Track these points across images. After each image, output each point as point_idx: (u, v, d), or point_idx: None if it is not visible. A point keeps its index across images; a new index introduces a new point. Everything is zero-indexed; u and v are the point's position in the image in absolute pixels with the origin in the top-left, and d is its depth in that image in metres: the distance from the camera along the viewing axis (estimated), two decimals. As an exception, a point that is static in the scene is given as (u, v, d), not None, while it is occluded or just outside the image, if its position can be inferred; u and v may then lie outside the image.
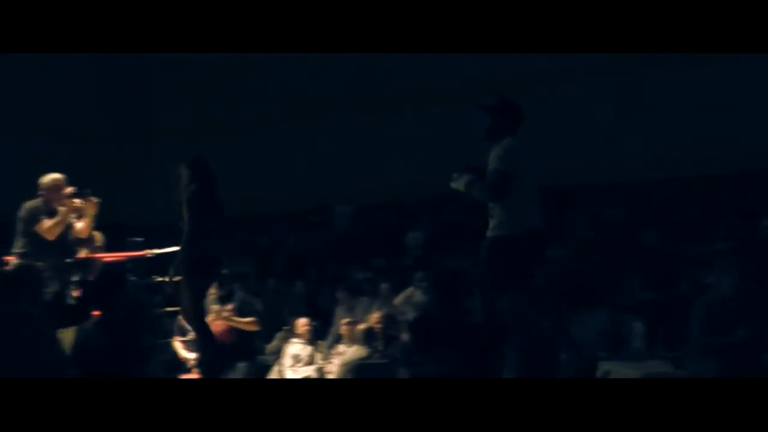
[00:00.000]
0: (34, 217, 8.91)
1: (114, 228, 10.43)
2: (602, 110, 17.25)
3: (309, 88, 20.68)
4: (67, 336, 7.43)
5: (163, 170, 8.72)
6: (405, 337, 10.18)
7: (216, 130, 21.73)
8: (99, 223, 9.44)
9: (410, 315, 11.28)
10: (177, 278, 8.55)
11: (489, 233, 7.31)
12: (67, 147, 18.39)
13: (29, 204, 9.01)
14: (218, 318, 10.33)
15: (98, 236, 10.01)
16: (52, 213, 8.95)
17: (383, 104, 19.47)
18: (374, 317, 10.69)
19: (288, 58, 17.73)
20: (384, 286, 12.56)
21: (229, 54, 14.69)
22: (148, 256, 10.58)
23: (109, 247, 10.27)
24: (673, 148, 16.32)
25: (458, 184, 7.39)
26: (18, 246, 8.93)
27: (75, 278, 9.13)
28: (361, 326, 10.43)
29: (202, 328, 8.67)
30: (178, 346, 9.69)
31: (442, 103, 17.91)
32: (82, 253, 9.67)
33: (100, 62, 20.18)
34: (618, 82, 17.19)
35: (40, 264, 8.41)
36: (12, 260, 8.82)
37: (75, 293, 8.89)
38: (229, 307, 10.63)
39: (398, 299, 12.37)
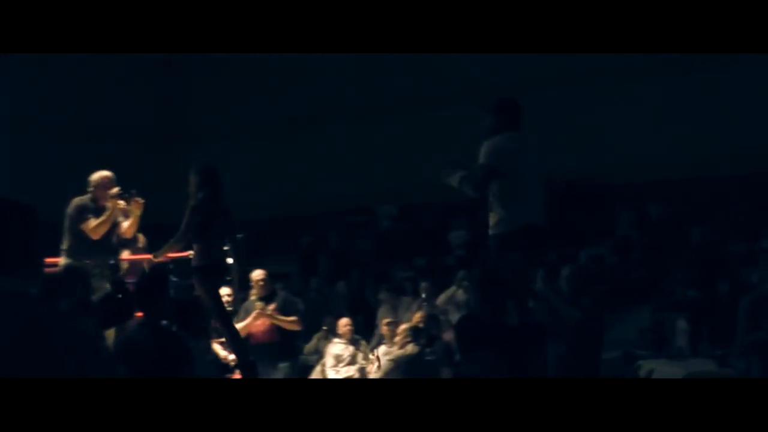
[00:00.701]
0: (81, 214, 8.89)
1: (156, 229, 10.47)
2: (646, 109, 17.15)
3: (354, 89, 20.70)
4: (109, 336, 7.49)
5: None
6: (447, 336, 10.17)
7: (260, 132, 21.81)
8: (141, 224, 9.45)
9: (453, 314, 11.27)
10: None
11: (491, 231, 7.36)
12: (115, 147, 18.45)
13: (77, 201, 8.99)
14: (261, 315, 10.33)
15: (141, 238, 10.06)
16: (99, 211, 8.94)
17: (426, 104, 19.45)
18: (417, 317, 10.68)
19: (332, 58, 17.76)
20: (423, 286, 12.54)
21: (273, 54, 14.79)
22: (190, 257, 10.60)
23: (151, 249, 10.31)
24: (718, 145, 16.19)
25: (452, 179, 7.39)
26: (64, 244, 8.95)
27: (118, 279, 9.16)
28: (403, 326, 10.42)
29: (228, 329, 8.75)
30: (217, 347, 9.74)
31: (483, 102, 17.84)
32: (125, 254, 9.71)
33: (152, 63, 20.31)
34: (661, 81, 17.08)
35: (86, 262, 8.50)
36: (59, 260, 8.85)
37: (118, 294, 8.92)
38: (272, 306, 10.64)
39: (441, 299, 12.35)
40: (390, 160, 19.59)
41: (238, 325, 10.12)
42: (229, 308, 10.29)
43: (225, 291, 10.47)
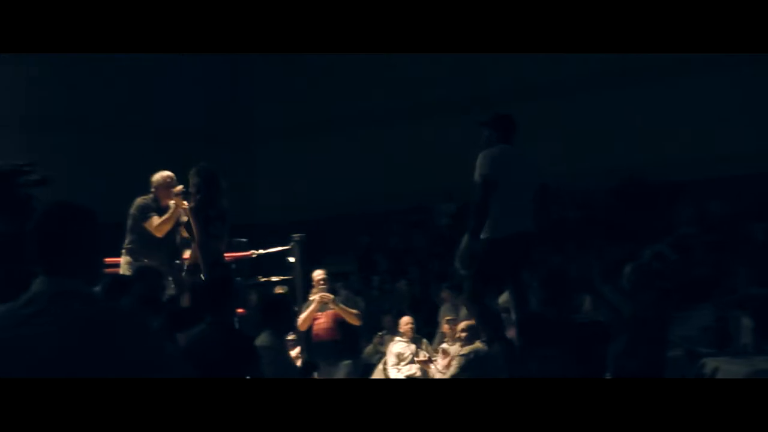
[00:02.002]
0: (144, 213, 9.02)
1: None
2: (707, 105, 17.01)
3: (411, 88, 20.70)
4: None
5: (266, 171, 8.83)
6: (509, 334, 10.16)
7: (317, 131, 21.88)
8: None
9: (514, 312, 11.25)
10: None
11: (481, 236, 7.62)
12: (169, 146, 18.60)
13: (140, 200, 9.12)
14: (324, 300, 10.34)
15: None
16: (162, 210, 9.05)
17: (484, 103, 19.41)
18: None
19: (390, 58, 17.79)
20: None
21: (331, 54, 14.88)
22: (253, 256, 10.68)
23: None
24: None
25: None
26: (126, 243, 9.08)
27: (182, 279, 9.25)
28: (463, 323, 10.42)
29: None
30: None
31: (541, 100, 17.85)
32: (187, 254, 9.82)
33: (204, 62, 20.44)
34: (720, 77, 16.92)
35: (145, 261, 8.63)
36: (121, 260, 8.98)
37: (185, 295, 9.00)
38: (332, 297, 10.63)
39: (503, 297, 12.32)
40: (448, 158, 19.57)
41: (302, 316, 10.21)
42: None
43: (279, 290, 10.58)
